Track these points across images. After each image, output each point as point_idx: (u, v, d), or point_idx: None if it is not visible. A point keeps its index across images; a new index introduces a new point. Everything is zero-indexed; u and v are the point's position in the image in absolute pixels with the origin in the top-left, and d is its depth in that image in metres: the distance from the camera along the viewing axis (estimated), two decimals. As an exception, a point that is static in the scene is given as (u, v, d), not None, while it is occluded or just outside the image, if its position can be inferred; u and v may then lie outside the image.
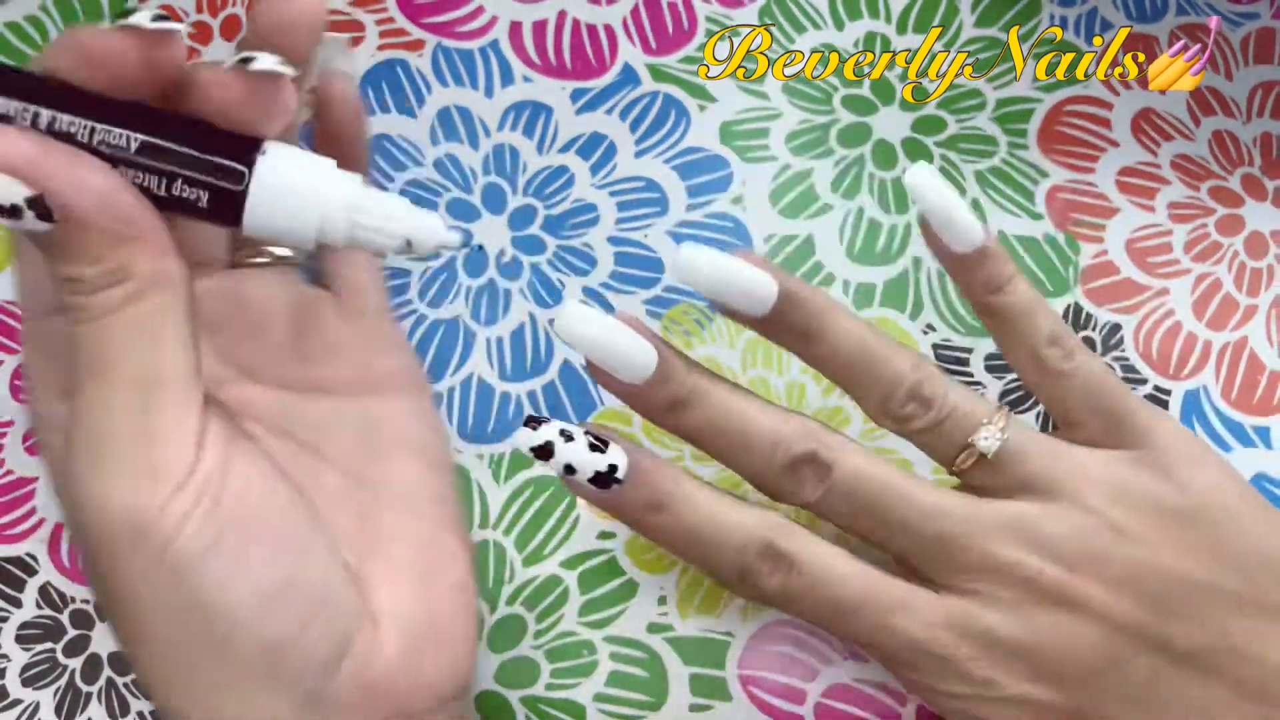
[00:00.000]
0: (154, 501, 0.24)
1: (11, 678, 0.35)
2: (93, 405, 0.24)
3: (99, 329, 0.24)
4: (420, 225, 0.25)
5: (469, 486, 0.37)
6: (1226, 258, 0.39)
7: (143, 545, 0.24)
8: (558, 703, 0.35)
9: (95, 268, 0.23)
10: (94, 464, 0.24)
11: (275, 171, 0.25)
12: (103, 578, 0.25)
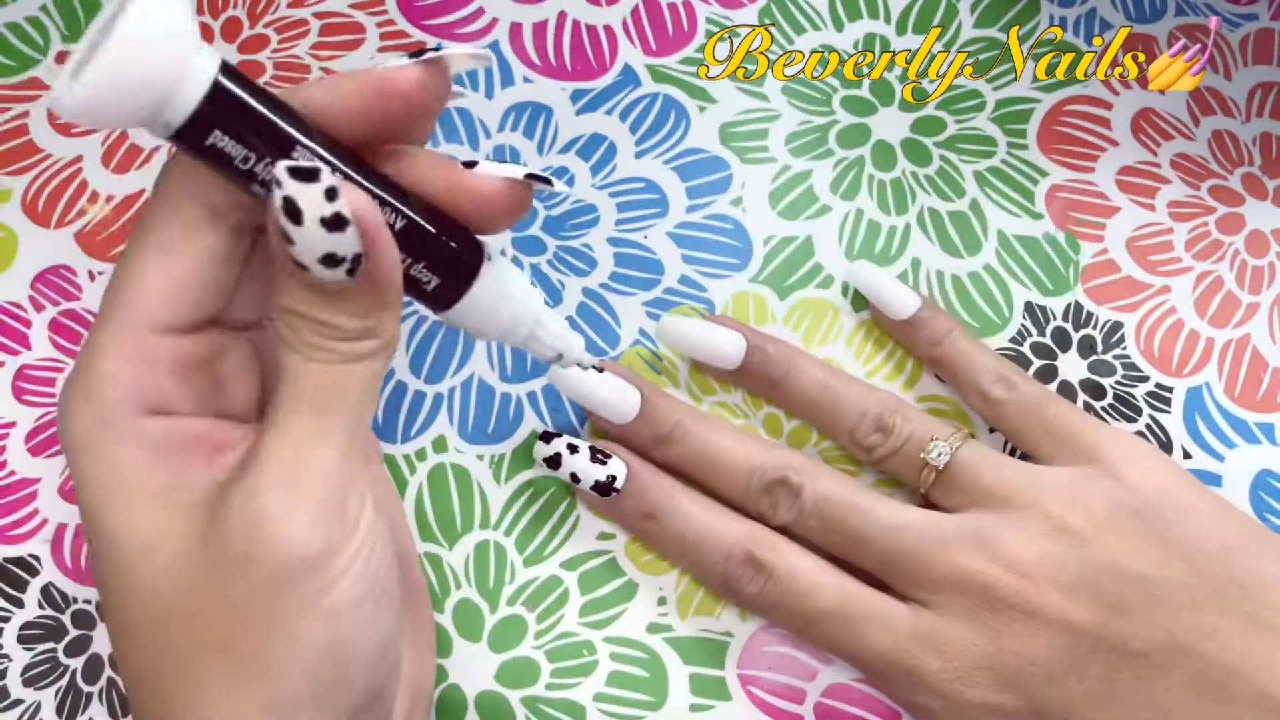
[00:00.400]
0: (338, 540, 0.25)
1: (13, 678, 0.35)
2: (305, 439, 0.25)
3: (337, 372, 0.25)
4: (572, 345, 0.29)
5: (469, 487, 0.37)
6: (1228, 256, 0.39)
7: (312, 582, 0.24)
8: (558, 703, 0.35)
9: (360, 322, 0.25)
10: (290, 495, 0.24)
11: (492, 278, 0.27)
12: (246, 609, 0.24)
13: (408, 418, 0.37)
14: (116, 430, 0.25)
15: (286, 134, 0.24)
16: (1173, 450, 0.37)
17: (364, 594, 0.25)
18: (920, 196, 0.39)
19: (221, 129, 0.23)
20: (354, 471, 0.25)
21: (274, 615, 0.24)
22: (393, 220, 0.25)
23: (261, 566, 0.24)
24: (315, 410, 0.25)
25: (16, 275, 0.39)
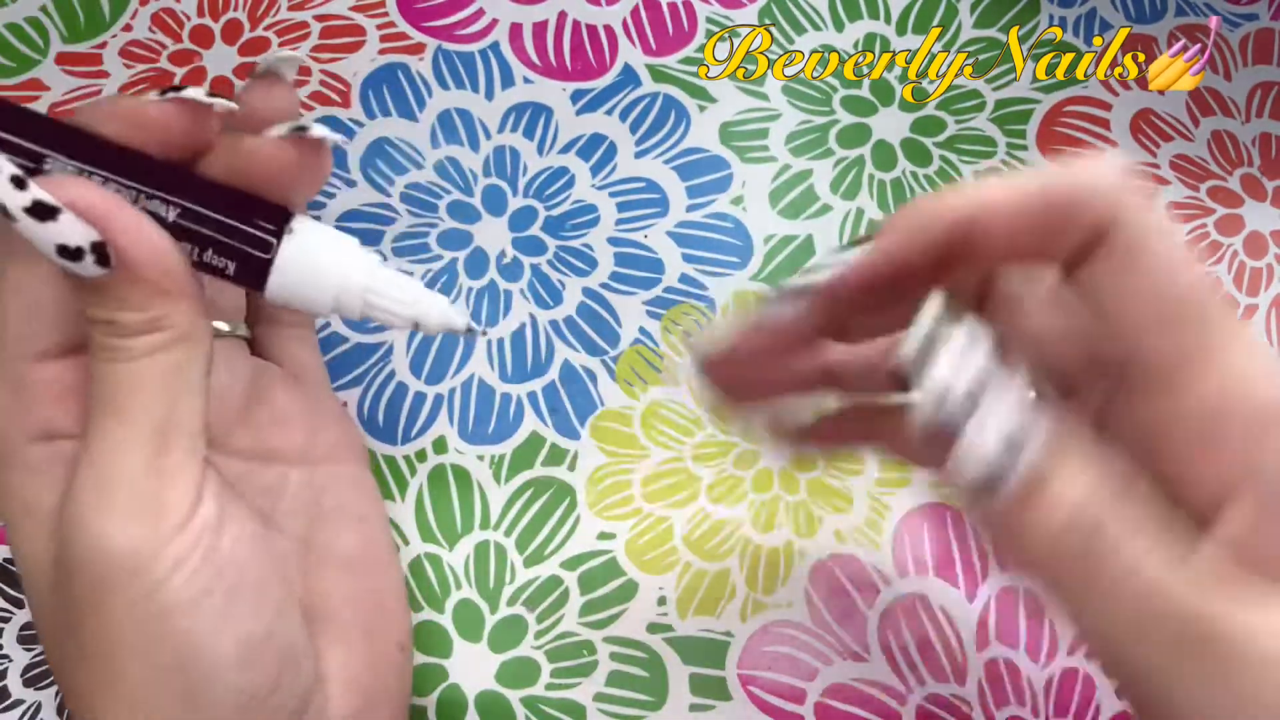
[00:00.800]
0: (154, 540, 0.25)
1: (13, 678, 0.35)
2: (107, 442, 0.25)
3: (129, 370, 0.25)
4: (428, 308, 0.27)
5: (469, 488, 0.37)
6: (1226, 257, 0.39)
7: (135, 584, 0.24)
8: (558, 703, 0.35)
9: (137, 314, 0.24)
10: (99, 500, 0.24)
11: (300, 246, 0.26)
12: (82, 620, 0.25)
13: (408, 419, 0.37)
14: (7, 459, 0.26)
15: (32, 150, 0.24)
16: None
17: (204, 590, 0.25)
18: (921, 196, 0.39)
19: None
20: (172, 466, 0.25)
21: (111, 619, 0.25)
22: (165, 212, 0.25)
23: (84, 571, 0.25)
24: (113, 413, 0.25)
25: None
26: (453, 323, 0.28)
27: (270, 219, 0.26)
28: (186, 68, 0.41)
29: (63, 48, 0.41)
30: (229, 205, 0.26)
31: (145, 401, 0.25)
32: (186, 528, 0.25)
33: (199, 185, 0.25)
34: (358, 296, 0.27)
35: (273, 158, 0.26)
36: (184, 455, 0.26)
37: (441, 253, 0.39)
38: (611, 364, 0.38)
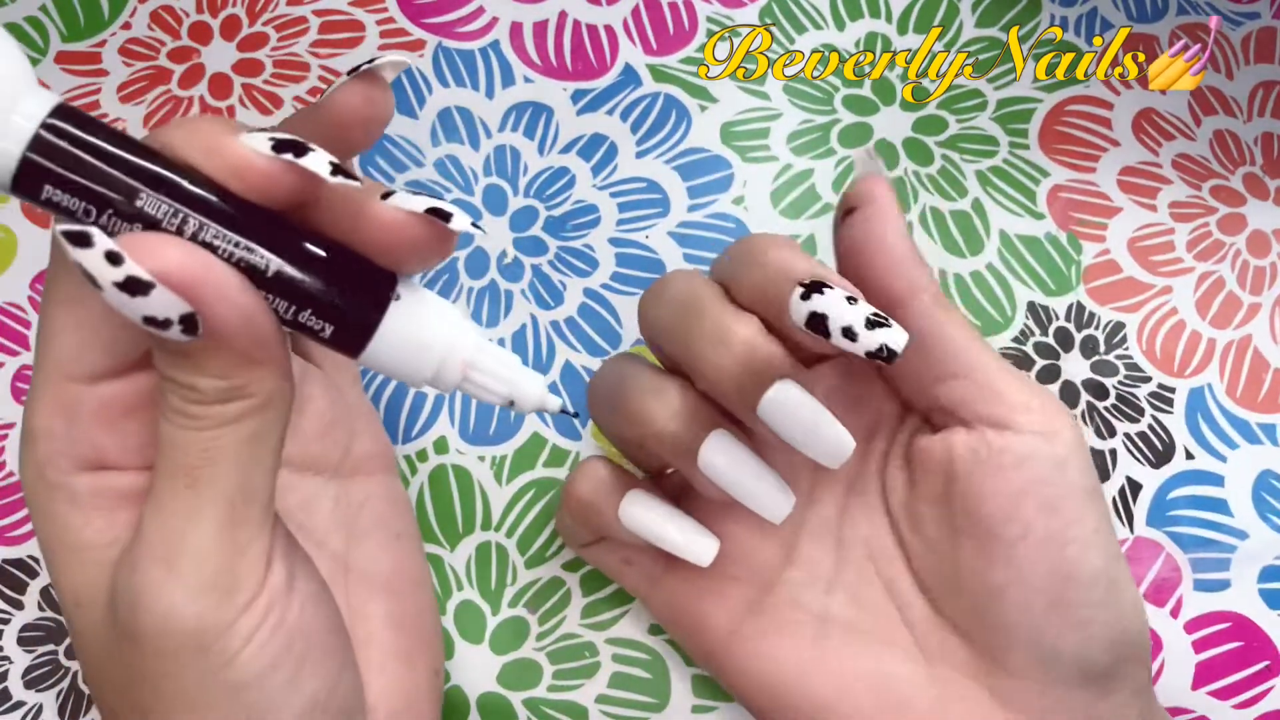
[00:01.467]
0: (226, 618, 0.23)
1: (14, 680, 0.35)
2: (180, 512, 0.23)
3: (204, 439, 0.23)
4: (526, 388, 0.26)
5: (471, 489, 0.36)
6: (1229, 256, 0.39)
7: (204, 660, 0.23)
8: (560, 704, 0.35)
9: (220, 382, 0.23)
10: (167, 572, 0.23)
11: (405, 318, 0.24)
12: (143, 682, 0.24)
13: (409, 418, 0.37)
14: (50, 487, 0.24)
15: (125, 184, 0.22)
16: (1175, 451, 0.37)
17: (274, 662, 0.24)
18: (922, 195, 0.39)
19: (52, 184, 0.21)
20: (243, 539, 0.24)
21: (173, 690, 0.24)
22: (265, 265, 0.23)
23: (147, 641, 0.23)
24: (186, 483, 0.23)
25: (16, 276, 0.39)
26: (547, 405, 0.26)
27: (378, 283, 0.24)
28: (185, 64, 0.41)
29: (62, 46, 0.41)
30: (335, 264, 0.24)
31: (221, 473, 0.23)
32: (256, 601, 0.24)
33: (304, 239, 0.23)
34: (457, 372, 0.25)
35: (398, 232, 0.23)
36: (257, 526, 0.24)
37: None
38: (613, 364, 0.38)
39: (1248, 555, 0.36)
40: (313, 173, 0.22)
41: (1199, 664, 0.35)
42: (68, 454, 0.24)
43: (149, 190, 0.22)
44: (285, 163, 0.22)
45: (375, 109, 0.24)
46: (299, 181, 0.23)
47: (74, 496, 0.24)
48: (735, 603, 0.32)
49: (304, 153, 0.22)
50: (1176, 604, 0.35)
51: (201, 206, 0.22)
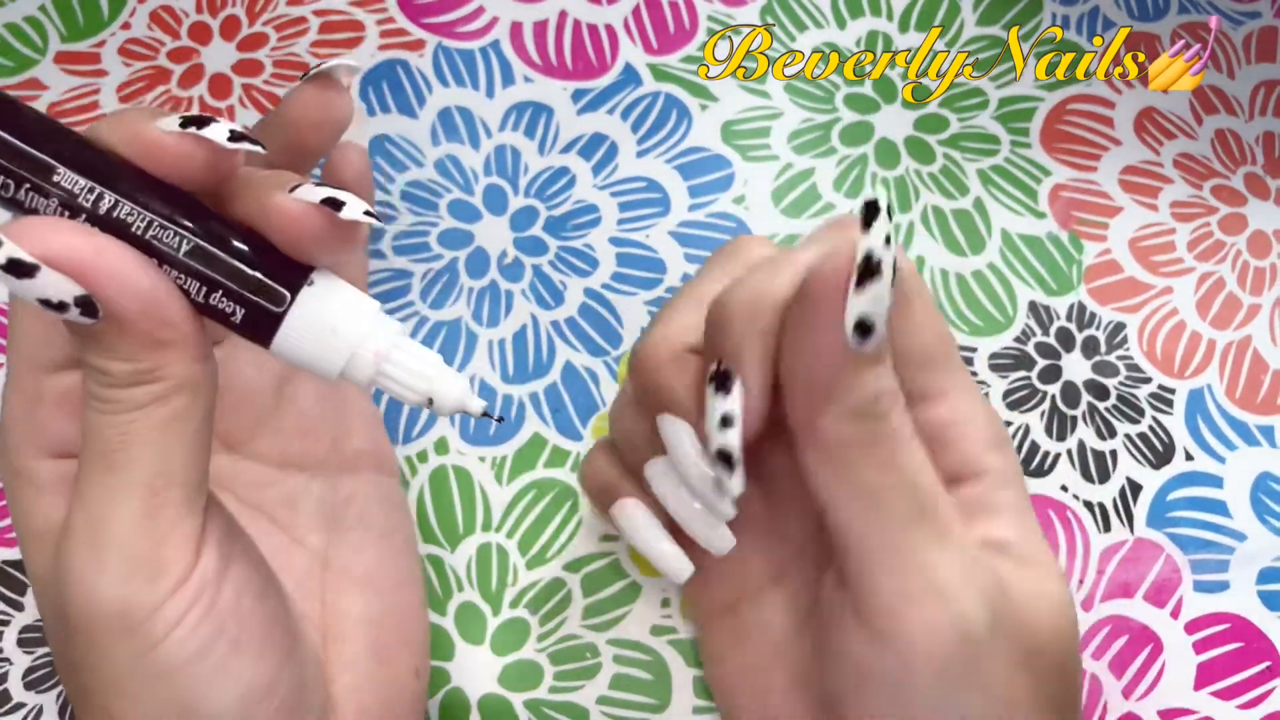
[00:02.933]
0: (150, 601, 0.24)
1: (14, 681, 0.35)
2: (100, 496, 0.23)
3: (120, 423, 0.23)
4: (445, 388, 0.25)
5: (471, 489, 0.36)
6: (1229, 256, 0.39)
7: (131, 642, 0.24)
8: (561, 706, 0.35)
9: (128, 365, 0.23)
10: (91, 554, 0.23)
11: (317, 305, 0.24)
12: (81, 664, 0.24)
13: (409, 419, 0.37)
14: (15, 473, 0.25)
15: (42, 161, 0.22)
16: (1175, 452, 0.37)
17: (203, 646, 0.24)
18: (924, 194, 0.39)
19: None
20: (165, 523, 0.24)
21: (108, 674, 0.24)
22: (177, 244, 0.23)
23: (76, 625, 0.24)
24: (105, 466, 0.23)
25: (15, 276, 0.39)
26: (468, 406, 0.26)
27: (289, 270, 0.24)
28: (185, 64, 0.41)
29: (61, 47, 0.41)
30: (249, 250, 0.24)
31: (136, 457, 0.23)
32: (184, 585, 0.24)
33: (216, 222, 0.24)
34: (370, 365, 0.25)
35: (299, 222, 0.23)
36: (180, 509, 0.24)
37: (442, 252, 0.38)
38: (613, 365, 0.38)
39: (1246, 557, 0.36)
40: (214, 143, 0.23)
41: (1200, 665, 0.35)
42: (32, 440, 0.25)
43: (65, 167, 0.23)
44: (190, 135, 0.23)
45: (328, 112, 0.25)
46: (207, 156, 0.23)
47: (36, 482, 0.25)
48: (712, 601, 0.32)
49: (205, 125, 0.23)
50: (1177, 605, 0.35)
51: (116, 185, 0.23)
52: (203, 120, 0.23)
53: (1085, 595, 0.35)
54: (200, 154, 0.23)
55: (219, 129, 0.23)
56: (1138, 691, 0.34)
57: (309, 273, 0.24)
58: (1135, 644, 0.35)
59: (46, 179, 0.22)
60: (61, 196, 0.23)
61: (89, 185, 0.23)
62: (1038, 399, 0.37)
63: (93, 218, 0.23)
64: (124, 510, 0.23)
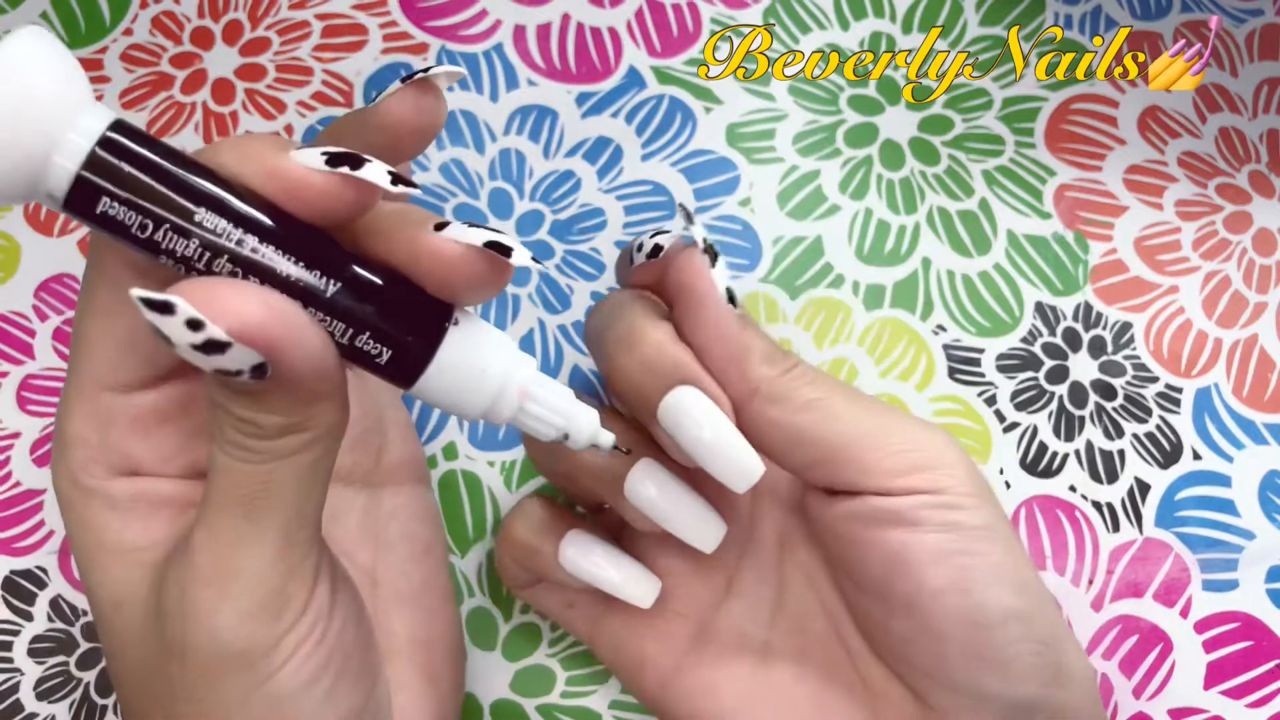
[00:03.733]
0: (272, 636, 0.23)
1: (25, 691, 0.35)
2: (234, 540, 0.23)
3: (263, 472, 0.23)
4: (580, 423, 0.26)
5: (480, 494, 0.36)
6: (1235, 255, 0.39)
7: (249, 675, 0.23)
8: (573, 710, 0.35)
9: (280, 419, 0.22)
10: (219, 593, 0.23)
11: (463, 347, 0.24)
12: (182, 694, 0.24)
13: (418, 424, 0.37)
14: (86, 493, 0.25)
15: (181, 202, 0.21)
16: (1182, 451, 0.37)
17: (313, 677, 0.24)
18: (929, 195, 0.39)
19: (107, 200, 0.21)
20: (293, 562, 0.24)
21: (217, 703, 0.24)
22: (324, 287, 0.22)
23: (193, 657, 0.23)
24: (243, 512, 0.23)
25: (20, 285, 0.38)
26: (600, 441, 0.26)
27: (435, 312, 0.24)
28: (188, 70, 0.40)
29: (62, 53, 0.41)
30: (392, 290, 0.23)
31: (276, 504, 0.23)
32: (302, 618, 0.24)
33: (360, 263, 0.23)
34: (513, 406, 0.25)
35: (454, 266, 0.23)
36: (308, 548, 0.24)
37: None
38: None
39: (1254, 555, 0.36)
40: (371, 184, 0.22)
41: (1210, 664, 0.35)
42: (102, 461, 0.24)
43: (206, 210, 0.21)
44: (341, 176, 0.22)
45: (426, 118, 0.24)
46: (356, 196, 0.22)
47: (111, 501, 0.24)
48: (677, 639, 0.32)
49: (359, 165, 0.22)
50: (1186, 604, 0.35)
51: (258, 228, 0.22)
52: (355, 160, 0.22)
53: (1095, 595, 0.35)
54: (350, 195, 0.22)
55: (378, 172, 0.22)
56: (1148, 691, 0.35)
57: (451, 311, 0.24)
58: (1145, 643, 0.35)
59: (188, 220, 0.21)
60: (203, 239, 0.21)
61: (230, 228, 0.21)
62: (1045, 399, 0.37)
63: (235, 259, 0.22)
64: (260, 553, 0.23)
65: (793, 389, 0.28)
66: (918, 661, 0.28)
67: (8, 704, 0.35)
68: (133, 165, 0.21)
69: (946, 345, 0.38)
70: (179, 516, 0.25)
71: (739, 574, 0.32)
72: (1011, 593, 0.27)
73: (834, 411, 0.28)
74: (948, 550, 0.27)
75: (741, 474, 0.27)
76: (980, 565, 0.27)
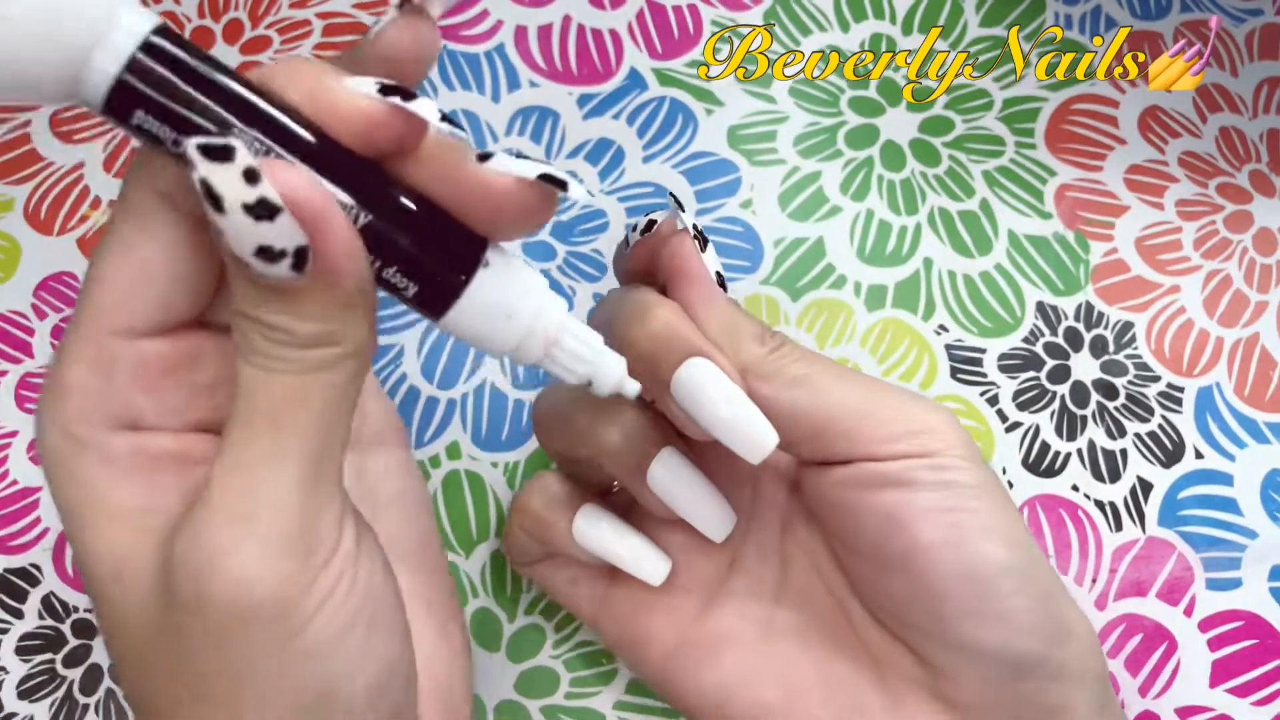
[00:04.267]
0: (304, 579, 0.22)
1: (8, 690, 0.35)
2: (260, 461, 0.21)
3: (294, 383, 0.21)
4: (606, 371, 0.25)
5: (484, 494, 0.36)
6: (1236, 254, 0.39)
7: (279, 625, 0.22)
8: (578, 711, 0.34)
9: (315, 325, 0.21)
10: (244, 527, 0.21)
11: (494, 286, 0.23)
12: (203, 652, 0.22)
13: (420, 423, 0.37)
14: (79, 445, 0.22)
15: (219, 114, 0.20)
16: (1185, 450, 0.37)
17: (347, 625, 0.23)
18: (930, 196, 0.39)
19: (145, 108, 0.20)
20: (323, 495, 0.22)
21: (241, 659, 0.22)
22: (355, 214, 0.21)
23: (216, 608, 0.21)
24: (268, 427, 0.21)
25: (19, 284, 0.38)
26: (625, 388, 0.26)
27: (469, 246, 0.23)
28: (187, 72, 0.40)
29: (62, 53, 0.41)
30: (427, 222, 0.22)
31: (305, 421, 0.22)
32: (331, 563, 0.22)
33: (400, 195, 0.22)
34: (540, 348, 0.24)
35: (502, 198, 0.22)
36: (335, 483, 0.23)
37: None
38: (624, 368, 0.37)
39: (1257, 554, 0.36)
40: (419, 118, 0.22)
41: (1215, 662, 0.35)
42: (101, 410, 0.22)
43: (243, 125, 0.21)
44: (392, 106, 0.21)
45: (423, 45, 0.23)
46: (402, 128, 0.22)
47: (108, 455, 0.23)
48: (682, 614, 0.32)
49: (410, 99, 0.22)
50: (1190, 603, 0.35)
51: (296, 146, 0.21)
52: (405, 92, 0.22)
53: (1098, 594, 0.35)
54: (397, 127, 0.22)
55: (429, 107, 0.22)
56: (1154, 690, 0.35)
57: (484, 246, 0.23)
58: (1149, 642, 0.35)
59: (225, 131, 0.20)
60: None
61: (266, 146, 0.21)
62: (1047, 399, 0.37)
63: None
64: (287, 476, 0.22)
65: (781, 366, 0.28)
66: (917, 621, 0.28)
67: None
68: (174, 73, 0.20)
69: (948, 345, 0.38)
70: (184, 475, 0.23)
71: (743, 550, 0.32)
72: (1004, 547, 0.27)
73: (822, 386, 0.28)
74: (940, 507, 0.27)
75: (756, 445, 0.28)
76: (972, 521, 0.27)
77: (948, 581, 0.27)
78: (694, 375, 0.27)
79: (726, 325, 0.29)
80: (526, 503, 0.31)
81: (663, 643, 0.31)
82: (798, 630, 0.31)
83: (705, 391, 0.27)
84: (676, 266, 0.29)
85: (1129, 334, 0.38)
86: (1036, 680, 0.27)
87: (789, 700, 0.30)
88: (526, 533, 0.32)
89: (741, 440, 0.27)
